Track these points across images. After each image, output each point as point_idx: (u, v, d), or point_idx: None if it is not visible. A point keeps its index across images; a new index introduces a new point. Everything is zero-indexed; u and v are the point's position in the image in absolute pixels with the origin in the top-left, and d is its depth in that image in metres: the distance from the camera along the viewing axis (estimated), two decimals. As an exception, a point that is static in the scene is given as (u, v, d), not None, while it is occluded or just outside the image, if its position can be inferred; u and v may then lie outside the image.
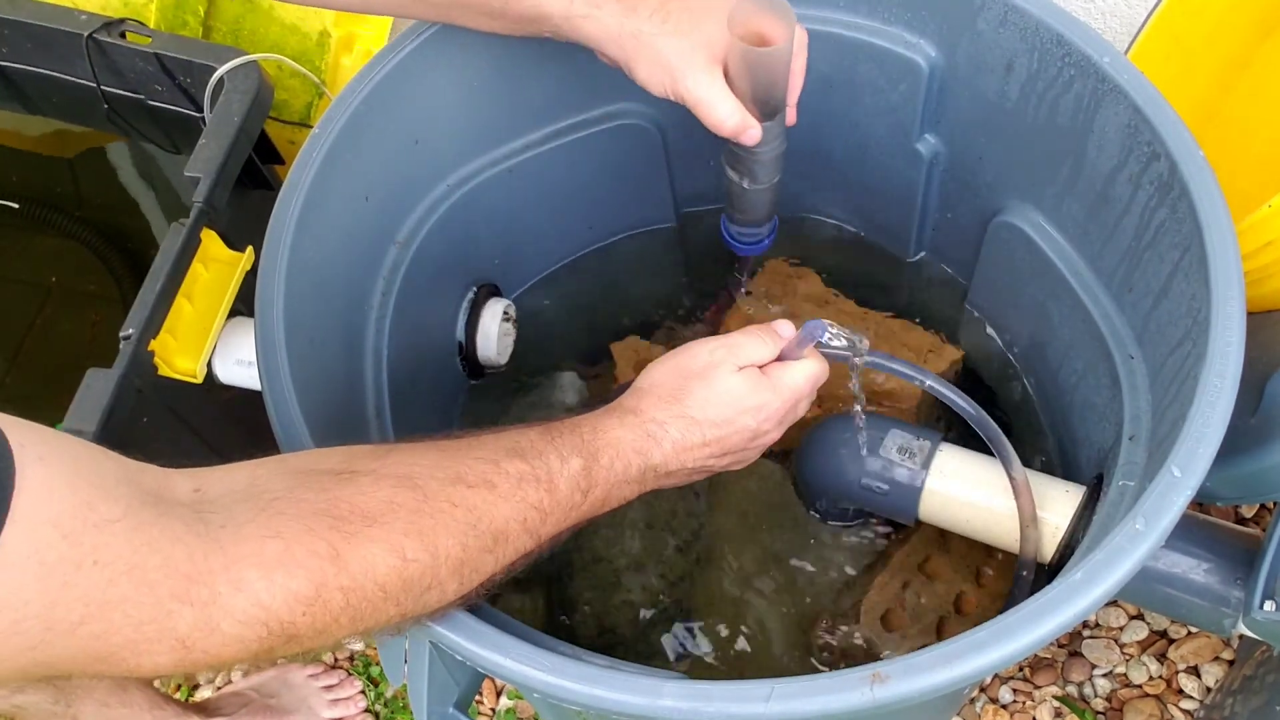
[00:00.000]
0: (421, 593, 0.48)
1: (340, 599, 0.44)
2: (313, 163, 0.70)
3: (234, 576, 0.41)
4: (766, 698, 0.47)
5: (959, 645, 0.48)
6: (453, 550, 0.48)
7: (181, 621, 0.40)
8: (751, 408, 0.62)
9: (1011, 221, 0.81)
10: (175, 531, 0.40)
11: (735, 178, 0.78)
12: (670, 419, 0.60)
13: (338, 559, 0.44)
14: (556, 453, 0.55)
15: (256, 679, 1.14)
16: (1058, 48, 0.68)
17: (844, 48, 0.80)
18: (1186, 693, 1.03)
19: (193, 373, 0.84)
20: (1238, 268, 0.57)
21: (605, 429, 0.58)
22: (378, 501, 0.47)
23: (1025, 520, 0.73)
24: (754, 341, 0.64)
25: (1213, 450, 0.53)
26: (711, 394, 0.61)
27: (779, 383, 0.64)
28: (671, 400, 0.61)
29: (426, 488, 0.48)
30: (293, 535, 0.43)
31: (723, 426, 0.61)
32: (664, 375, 0.62)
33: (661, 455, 0.60)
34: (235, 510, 0.43)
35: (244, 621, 0.41)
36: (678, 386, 0.61)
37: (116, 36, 0.96)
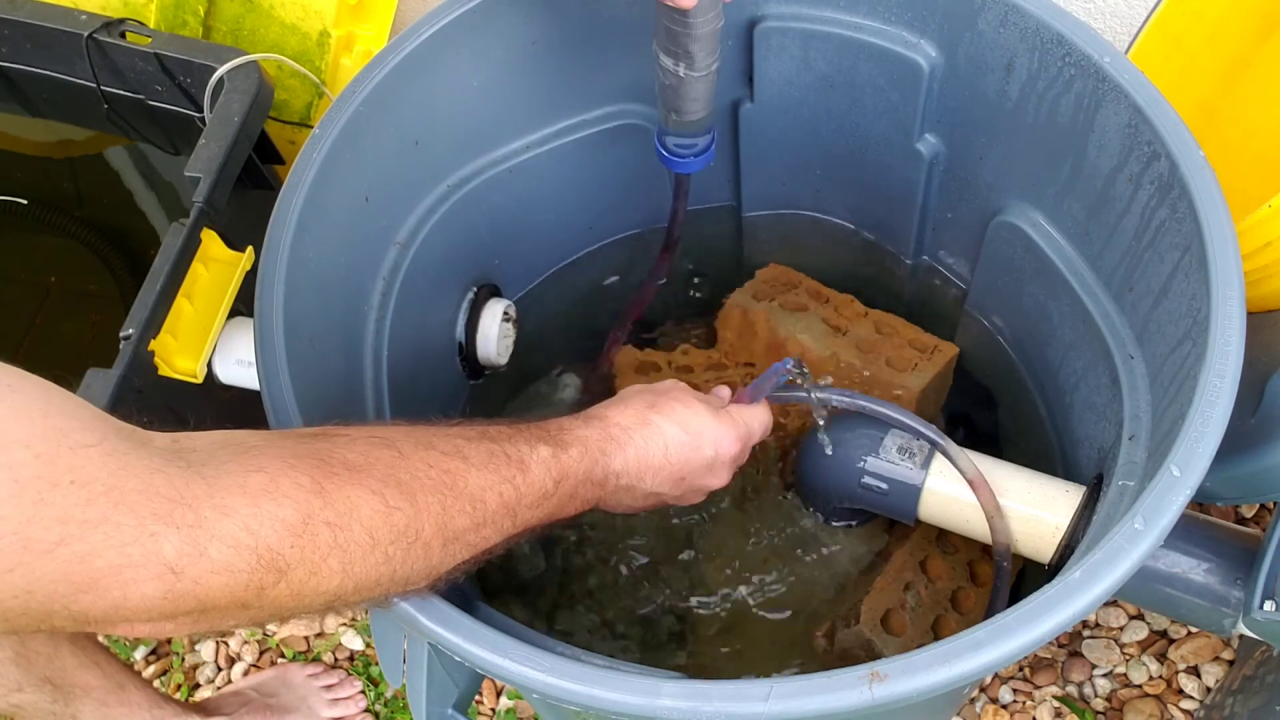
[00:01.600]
0: (408, 545, 0.48)
1: (328, 534, 0.44)
2: (313, 163, 0.70)
3: (219, 502, 0.40)
4: (765, 697, 0.47)
5: (958, 644, 0.48)
6: (433, 506, 0.48)
7: (167, 544, 0.39)
8: (713, 434, 0.65)
9: (1012, 221, 0.81)
10: (154, 462, 0.40)
11: (670, 64, 0.75)
12: (635, 426, 0.62)
13: (323, 493, 0.44)
14: (524, 439, 0.56)
15: (256, 679, 1.14)
16: (1058, 47, 0.68)
17: (844, 48, 0.80)
18: (1186, 693, 1.03)
19: (193, 373, 0.84)
20: (1238, 268, 0.57)
21: (571, 428, 0.60)
22: (356, 453, 0.47)
23: (988, 510, 0.75)
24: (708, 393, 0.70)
25: (1212, 450, 0.53)
26: (678, 408, 0.64)
27: (737, 418, 0.68)
28: (638, 410, 0.63)
29: (401, 447, 0.49)
30: (276, 469, 0.43)
31: (684, 446, 0.63)
32: (633, 393, 0.66)
33: (623, 461, 0.61)
34: (216, 452, 0.43)
35: (233, 546, 0.40)
36: (647, 402, 0.64)
37: (116, 37, 0.96)
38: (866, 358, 0.92)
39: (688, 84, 0.76)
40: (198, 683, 1.18)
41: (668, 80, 0.76)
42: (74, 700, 0.86)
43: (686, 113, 0.78)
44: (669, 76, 0.76)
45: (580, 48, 0.83)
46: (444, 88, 0.79)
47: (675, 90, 0.77)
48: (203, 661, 1.19)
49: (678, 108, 0.78)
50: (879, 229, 0.97)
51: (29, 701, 0.83)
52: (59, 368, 1.11)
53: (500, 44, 0.80)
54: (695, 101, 0.77)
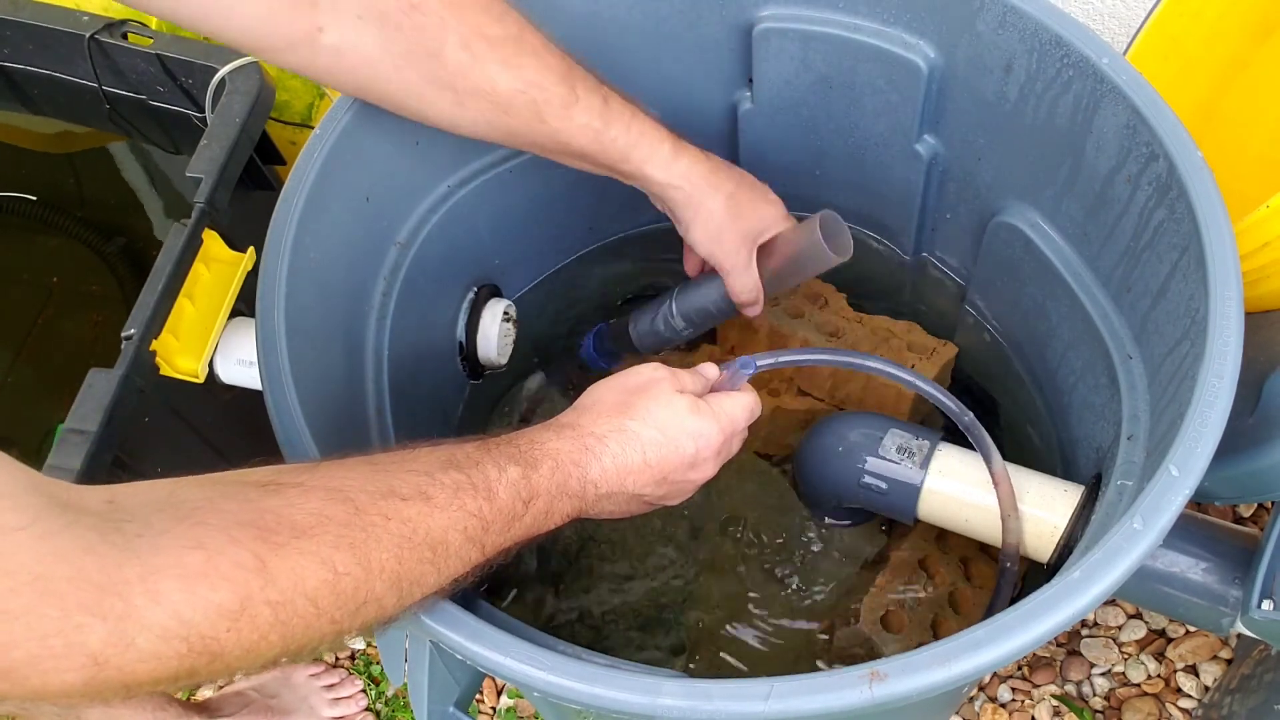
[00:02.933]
0: (357, 607, 0.46)
1: (269, 614, 0.41)
2: (314, 163, 0.70)
3: (151, 588, 0.38)
4: (765, 696, 0.47)
5: (957, 644, 0.48)
6: (387, 563, 0.46)
7: (92, 636, 0.37)
8: (691, 431, 0.62)
9: (1010, 222, 0.81)
10: (87, 540, 0.38)
11: (681, 325, 0.89)
12: (610, 433, 0.60)
13: (264, 570, 0.41)
14: (493, 462, 0.54)
15: (257, 679, 1.14)
16: (1056, 49, 0.69)
17: (843, 48, 0.80)
18: (1185, 691, 1.03)
19: (194, 372, 0.84)
20: (1236, 268, 0.57)
21: (542, 441, 0.57)
22: (306, 514, 0.44)
23: (1006, 510, 0.74)
24: (687, 375, 0.66)
25: (1210, 450, 0.53)
26: (653, 408, 0.61)
27: (719, 410, 0.64)
28: (611, 414, 0.60)
29: (357, 500, 0.46)
30: (215, 546, 0.40)
31: (663, 447, 0.61)
32: (604, 392, 0.63)
33: (600, 470, 0.59)
34: (152, 519, 0.40)
35: (161, 637, 0.38)
36: (619, 401, 0.61)
37: (118, 37, 0.97)
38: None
39: (674, 340, 0.91)
40: (199, 682, 1.18)
41: (670, 332, 0.90)
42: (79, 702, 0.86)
43: (643, 349, 0.93)
44: (670, 331, 0.90)
45: (581, 47, 0.84)
46: (445, 88, 0.79)
47: (664, 339, 0.91)
48: (204, 661, 1.19)
49: (651, 345, 0.93)
50: (878, 229, 0.97)
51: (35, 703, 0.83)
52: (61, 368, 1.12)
53: (501, 45, 0.80)
54: (658, 347, 0.93)
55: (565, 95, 0.70)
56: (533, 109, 0.70)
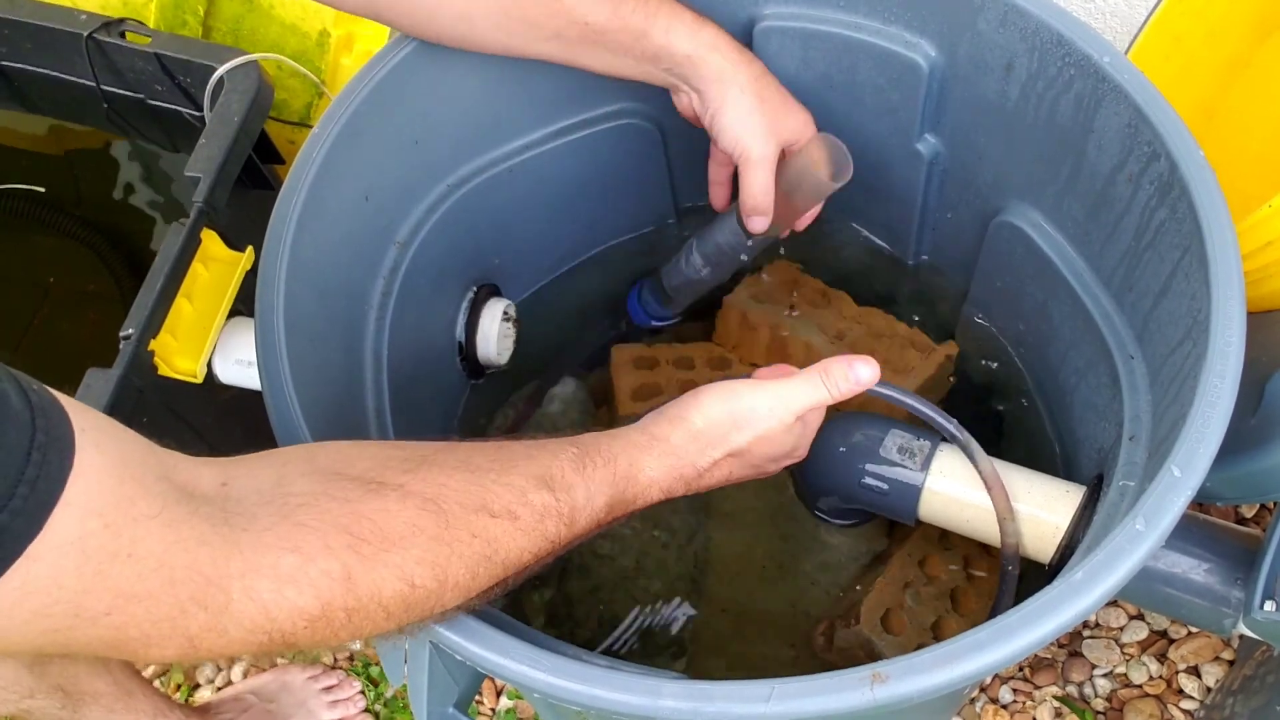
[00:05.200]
0: (423, 614, 0.49)
1: (343, 617, 0.45)
2: (313, 163, 0.70)
3: (249, 585, 0.42)
4: (767, 698, 0.47)
5: (959, 645, 0.48)
6: (462, 578, 0.49)
7: (194, 622, 0.40)
8: (785, 454, 0.66)
9: (1012, 221, 0.81)
10: (202, 532, 0.41)
11: (700, 264, 0.86)
12: (711, 468, 0.61)
13: (349, 580, 0.44)
14: (585, 488, 0.55)
15: (255, 682, 1.14)
16: (1058, 48, 0.68)
17: (844, 48, 0.80)
18: (1187, 693, 1.03)
19: (193, 372, 0.84)
20: (1238, 268, 0.57)
21: (641, 467, 0.58)
22: (400, 523, 0.47)
23: (1001, 514, 0.73)
24: (808, 390, 0.64)
25: (1213, 450, 0.53)
26: (760, 446, 0.63)
27: (809, 427, 0.67)
28: (718, 444, 0.61)
29: (450, 514, 0.49)
30: (310, 551, 0.43)
31: (756, 469, 0.65)
32: (718, 416, 0.62)
33: (684, 489, 0.61)
34: (259, 514, 0.44)
35: (250, 629, 0.42)
36: (726, 434, 0.62)
37: (116, 36, 0.96)
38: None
39: (701, 284, 0.87)
40: (197, 683, 1.18)
41: (690, 274, 0.87)
42: (82, 706, 0.86)
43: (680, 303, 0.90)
44: (693, 272, 0.86)
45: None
46: (444, 87, 0.79)
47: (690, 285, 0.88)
48: (202, 661, 1.19)
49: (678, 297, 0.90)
50: (879, 229, 0.97)
51: (39, 707, 0.83)
52: (58, 367, 1.12)
53: (500, 44, 0.80)
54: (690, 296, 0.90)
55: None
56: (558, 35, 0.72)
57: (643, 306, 0.96)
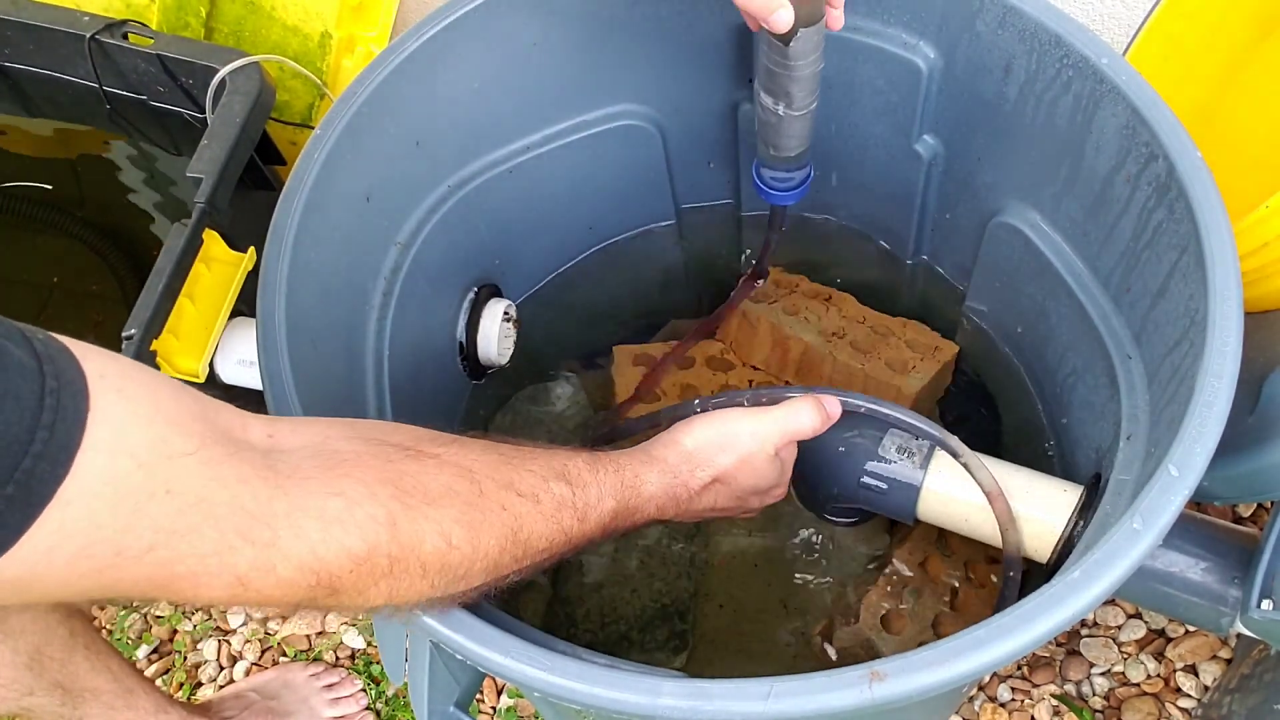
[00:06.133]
0: (455, 580, 0.50)
1: (385, 565, 0.45)
2: (314, 164, 0.70)
3: (295, 523, 0.42)
4: (766, 696, 0.47)
5: (957, 644, 0.48)
6: (491, 549, 0.50)
7: (242, 558, 0.41)
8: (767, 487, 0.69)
9: (1010, 222, 0.81)
10: (243, 472, 0.41)
11: (771, 102, 0.76)
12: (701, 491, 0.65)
13: (393, 526, 0.45)
14: (597, 488, 0.57)
15: (257, 680, 1.14)
16: (1056, 49, 0.69)
17: (843, 49, 0.80)
18: (1184, 691, 1.03)
19: (195, 373, 0.84)
20: (1235, 268, 0.58)
21: (645, 481, 0.61)
22: (439, 484, 0.48)
23: (1003, 523, 0.74)
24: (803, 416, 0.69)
25: (1210, 450, 0.53)
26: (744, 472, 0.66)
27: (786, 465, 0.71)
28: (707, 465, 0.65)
29: (483, 484, 0.50)
30: (355, 497, 0.44)
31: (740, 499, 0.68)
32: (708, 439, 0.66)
33: (675, 511, 0.64)
34: (304, 463, 0.44)
35: (298, 568, 0.42)
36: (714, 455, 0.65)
37: (119, 38, 0.97)
38: (865, 358, 0.92)
39: (787, 122, 0.77)
40: (200, 681, 1.18)
41: (767, 118, 0.78)
42: (82, 704, 0.87)
43: (785, 149, 0.80)
44: (768, 114, 0.77)
45: (581, 48, 0.84)
46: (445, 89, 0.79)
47: (775, 128, 0.78)
48: (205, 660, 1.19)
49: (776, 144, 0.80)
50: (878, 229, 0.97)
51: (39, 705, 0.83)
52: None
53: (501, 45, 0.80)
54: (793, 138, 0.79)
55: None
56: None
57: (760, 181, 0.86)
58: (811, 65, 0.73)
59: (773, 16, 0.67)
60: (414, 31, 0.76)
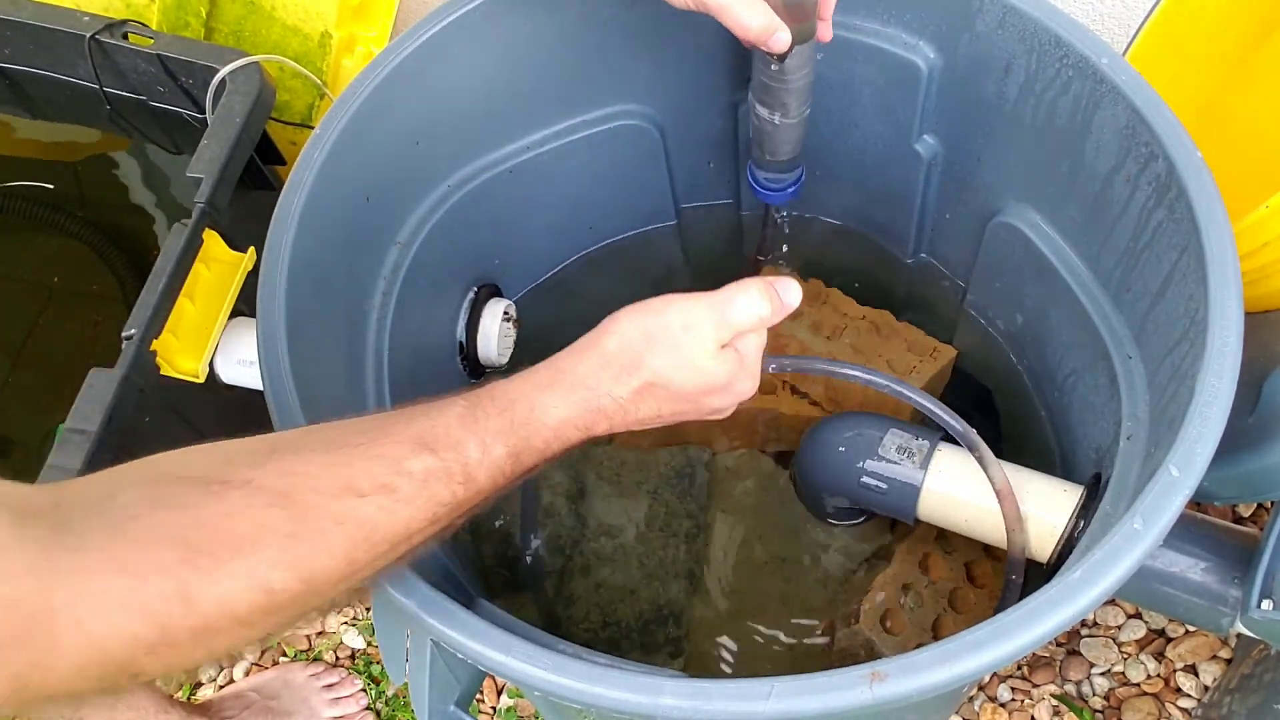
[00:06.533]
0: (294, 616, 0.45)
1: (189, 638, 0.41)
2: (314, 163, 0.70)
3: (75, 617, 0.38)
4: (766, 696, 0.48)
5: (958, 644, 0.48)
6: (335, 569, 0.45)
7: (18, 661, 0.37)
8: (721, 387, 0.56)
9: (1010, 222, 0.81)
10: (28, 560, 0.37)
11: (765, 113, 0.78)
12: (628, 395, 0.54)
13: (188, 601, 0.40)
14: (478, 440, 0.50)
15: (257, 679, 1.14)
16: (1056, 49, 0.69)
17: (843, 48, 0.80)
18: (1184, 691, 1.03)
19: (195, 372, 0.84)
20: (1235, 268, 0.58)
21: (547, 408, 0.53)
22: (247, 525, 0.42)
23: (1010, 523, 0.73)
24: (750, 302, 0.56)
25: (1210, 450, 0.53)
26: (684, 373, 0.55)
27: (747, 357, 0.58)
28: (633, 368, 0.54)
29: (307, 502, 0.44)
30: (141, 571, 0.39)
31: (691, 402, 0.56)
32: (633, 337, 0.55)
33: (608, 425, 0.55)
34: (90, 531, 0.40)
35: (78, 664, 0.38)
36: (640, 355, 0.54)
37: (119, 38, 0.97)
38: (864, 359, 0.92)
39: (782, 130, 0.79)
40: (200, 681, 1.18)
41: (763, 127, 0.80)
42: (83, 703, 0.87)
43: (780, 154, 0.82)
44: (764, 124, 0.79)
45: (580, 48, 0.84)
46: (445, 88, 0.79)
47: (770, 135, 0.80)
48: (204, 661, 1.19)
49: (772, 150, 0.82)
50: (877, 229, 0.97)
51: None
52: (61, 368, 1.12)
53: (501, 45, 0.80)
54: (788, 144, 0.81)
55: None
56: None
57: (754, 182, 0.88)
58: (805, 77, 0.75)
59: (772, 39, 0.68)
60: (414, 31, 0.76)
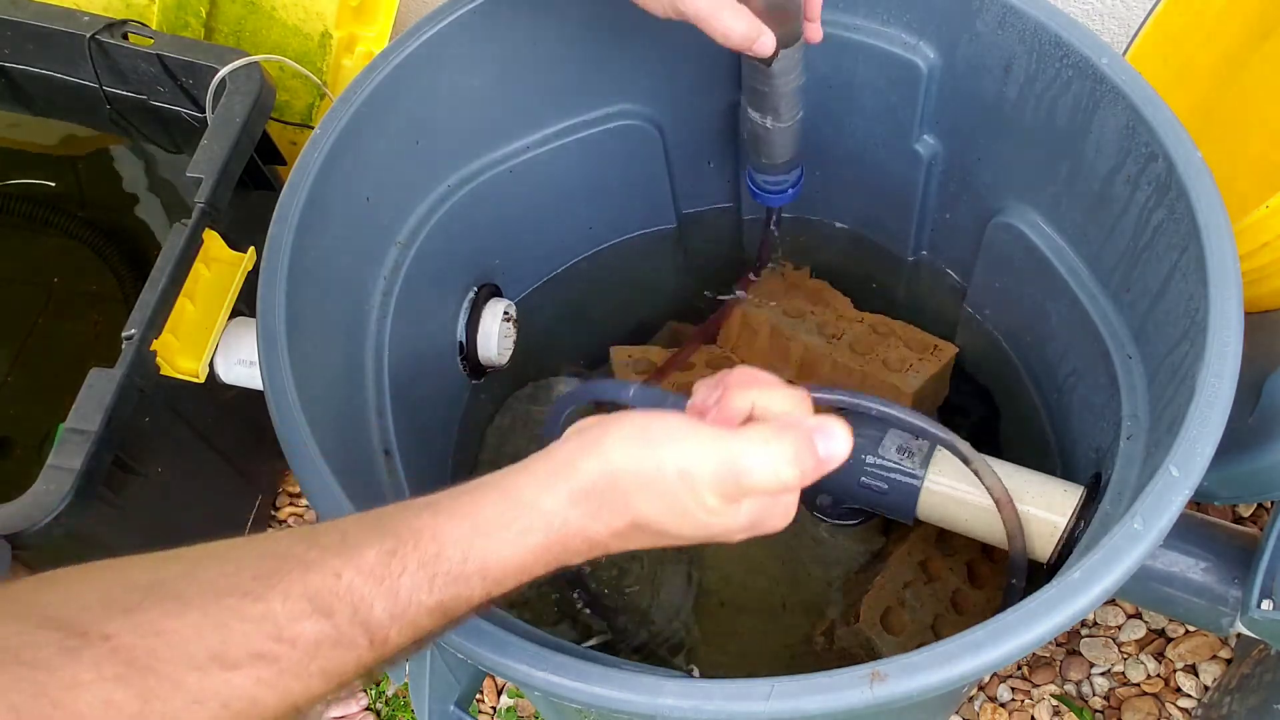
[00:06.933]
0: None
1: None
2: (314, 163, 0.70)
3: None
4: (767, 696, 0.48)
5: (958, 644, 0.48)
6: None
7: None
8: (733, 531, 0.47)
9: (1010, 222, 0.81)
10: None
11: (758, 117, 0.77)
12: (607, 535, 0.45)
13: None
14: (388, 599, 0.41)
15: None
16: (1056, 49, 0.69)
17: (843, 49, 0.80)
18: (1184, 691, 1.03)
19: (195, 372, 0.84)
20: (1235, 268, 0.58)
21: (487, 555, 0.43)
22: (90, 701, 0.35)
23: (1011, 530, 0.73)
24: (772, 461, 0.44)
25: (1210, 450, 0.53)
26: (678, 523, 0.45)
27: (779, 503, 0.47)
28: (617, 510, 0.45)
29: (161, 675, 0.37)
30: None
31: (688, 540, 0.47)
32: (619, 469, 0.44)
33: (583, 559, 0.47)
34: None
35: None
36: (627, 497, 0.45)
37: (119, 38, 0.97)
38: (864, 358, 0.92)
39: (775, 134, 0.79)
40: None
41: (756, 131, 0.79)
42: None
43: (775, 157, 0.82)
44: (757, 128, 0.79)
45: (580, 48, 0.84)
46: (445, 88, 0.79)
47: (764, 140, 0.80)
48: (204, 661, 1.19)
49: (768, 154, 0.81)
50: (877, 229, 0.97)
51: None
52: (61, 368, 1.12)
53: (501, 44, 0.80)
54: (783, 147, 0.81)
55: None
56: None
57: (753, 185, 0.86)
58: (794, 81, 0.74)
59: (756, 45, 0.67)
60: (414, 31, 0.76)
